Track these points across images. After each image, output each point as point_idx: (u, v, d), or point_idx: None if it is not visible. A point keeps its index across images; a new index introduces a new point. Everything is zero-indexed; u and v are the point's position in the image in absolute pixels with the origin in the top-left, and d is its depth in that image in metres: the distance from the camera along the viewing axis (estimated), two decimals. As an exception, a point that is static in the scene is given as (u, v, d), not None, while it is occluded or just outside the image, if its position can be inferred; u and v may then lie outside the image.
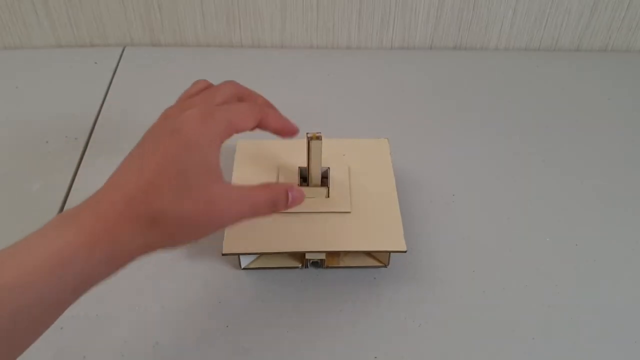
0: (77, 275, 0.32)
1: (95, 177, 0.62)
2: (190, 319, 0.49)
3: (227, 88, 0.42)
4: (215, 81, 0.44)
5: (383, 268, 0.53)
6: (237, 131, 0.39)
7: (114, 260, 0.34)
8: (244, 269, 0.53)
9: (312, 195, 0.53)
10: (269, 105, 0.45)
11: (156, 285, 0.52)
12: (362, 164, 0.57)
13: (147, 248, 0.35)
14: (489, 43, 0.81)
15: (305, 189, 0.53)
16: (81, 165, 0.63)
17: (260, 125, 0.41)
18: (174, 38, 0.79)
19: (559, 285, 0.53)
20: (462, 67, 0.78)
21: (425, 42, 0.80)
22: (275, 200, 0.39)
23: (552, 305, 0.51)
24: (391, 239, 0.50)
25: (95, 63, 0.77)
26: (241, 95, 0.43)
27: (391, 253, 0.52)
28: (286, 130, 0.43)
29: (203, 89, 0.43)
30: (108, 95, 0.72)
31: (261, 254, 0.52)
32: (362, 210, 0.52)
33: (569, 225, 0.58)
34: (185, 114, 0.37)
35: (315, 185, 0.53)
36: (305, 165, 0.53)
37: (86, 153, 0.64)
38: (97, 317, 0.49)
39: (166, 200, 0.34)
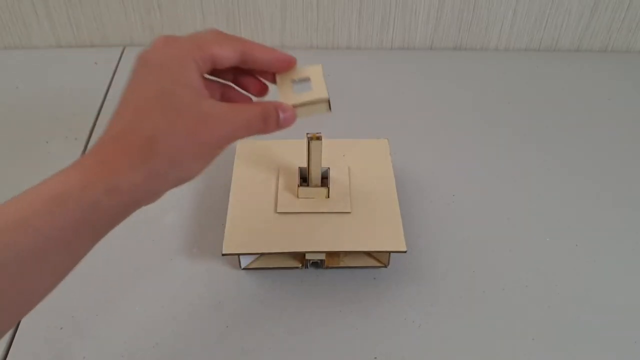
0: (75, 210, 0.32)
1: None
2: (190, 319, 0.49)
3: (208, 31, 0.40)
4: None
5: (383, 268, 0.53)
6: (213, 56, 0.37)
7: (115, 192, 0.33)
8: (244, 269, 0.53)
9: (312, 196, 0.53)
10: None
11: (156, 285, 0.52)
12: (362, 164, 0.57)
13: (152, 179, 0.34)
14: (489, 44, 0.81)
15: (305, 189, 0.53)
16: (81, 165, 0.63)
17: (246, 58, 0.39)
18: (174, 38, 0.79)
19: (559, 285, 0.53)
20: (462, 67, 0.78)
21: (425, 43, 0.80)
22: (266, 116, 0.38)
23: (552, 305, 0.51)
24: (391, 239, 0.50)
25: (95, 63, 0.77)
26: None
27: (391, 253, 0.52)
28: (279, 62, 0.40)
29: None
30: (108, 95, 0.72)
31: (261, 254, 0.52)
32: (362, 211, 0.52)
33: (569, 225, 0.58)
34: (150, 46, 0.37)
35: (315, 186, 0.53)
36: (305, 165, 0.53)
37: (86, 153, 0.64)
38: (97, 317, 0.49)
39: (156, 124, 0.34)
